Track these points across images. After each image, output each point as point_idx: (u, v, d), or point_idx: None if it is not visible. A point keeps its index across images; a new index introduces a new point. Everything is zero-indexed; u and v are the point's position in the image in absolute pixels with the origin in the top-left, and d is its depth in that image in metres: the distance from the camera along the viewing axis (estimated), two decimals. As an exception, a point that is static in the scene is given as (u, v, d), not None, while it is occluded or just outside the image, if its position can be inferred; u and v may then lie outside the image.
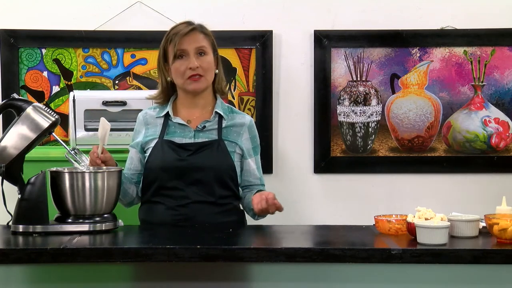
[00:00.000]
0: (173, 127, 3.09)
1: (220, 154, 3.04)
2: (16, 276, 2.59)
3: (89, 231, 2.73)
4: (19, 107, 2.79)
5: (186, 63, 3.05)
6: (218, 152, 3.04)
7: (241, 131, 3.12)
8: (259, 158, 3.19)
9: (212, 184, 3.02)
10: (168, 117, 3.11)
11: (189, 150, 3.02)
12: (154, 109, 3.18)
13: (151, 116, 3.15)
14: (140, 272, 2.59)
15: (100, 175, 2.78)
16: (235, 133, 3.11)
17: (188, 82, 3.06)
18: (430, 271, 2.56)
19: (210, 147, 3.04)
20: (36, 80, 4.19)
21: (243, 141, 3.11)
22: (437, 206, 2.85)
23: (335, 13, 4.22)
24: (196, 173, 3.01)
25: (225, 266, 2.58)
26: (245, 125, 3.14)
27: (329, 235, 2.89)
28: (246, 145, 3.12)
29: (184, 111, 3.13)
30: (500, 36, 4.21)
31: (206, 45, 3.08)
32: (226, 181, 3.05)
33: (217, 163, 3.03)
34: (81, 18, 4.16)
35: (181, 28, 3.07)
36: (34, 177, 2.73)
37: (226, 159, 3.05)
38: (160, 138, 3.07)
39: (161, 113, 3.13)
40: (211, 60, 3.09)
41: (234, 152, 3.08)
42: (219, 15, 4.20)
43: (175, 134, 3.07)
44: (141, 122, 3.16)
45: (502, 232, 2.54)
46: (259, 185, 3.16)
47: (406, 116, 4.25)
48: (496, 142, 4.24)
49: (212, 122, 3.10)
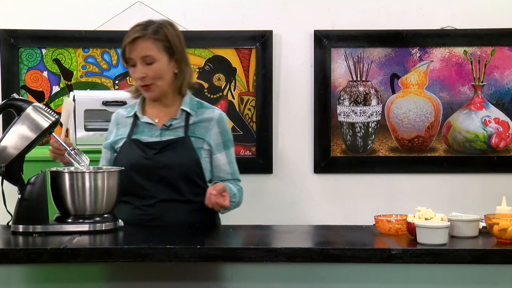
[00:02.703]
0: (141, 126, 3.08)
1: (185, 151, 3.02)
2: (16, 276, 2.59)
3: (89, 231, 2.72)
4: (19, 107, 2.79)
5: (134, 72, 3.03)
6: (184, 149, 3.02)
7: (209, 126, 3.09)
8: (231, 152, 3.14)
9: (178, 182, 3.00)
10: (137, 117, 3.10)
11: (155, 149, 3.01)
12: (126, 109, 3.17)
13: (122, 116, 3.14)
14: (140, 272, 2.58)
15: (100, 175, 2.77)
16: (203, 129, 3.08)
17: (142, 91, 3.07)
18: (430, 271, 2.56)
19: (176, 145, 3.02)
20: (36, 80, 4.19)
21: (211, 136, 3.08)
22: (437, 206, 2.85)
23: (335, 13, 4.22)
24: (161, 171, 2.98)
25: (225, 266, 2.58)
26: (213, 119, 3.10)
27: (329, 235, 2.89)
28: (215, 140, 3.08)
29: (152, 110, 3.11)
30: (500, 36, 4.21)
31: (154, 53, 2.99)
32: (193, 178, 3.03)
33: (182, 161, 3.01)
34: (81, 18, 4.16)
35: (130, 34, 3.02)
36: (34, 177, 2.73)
37: (192, 156, 3.02)
38: (128, 137, 3.06)
39: (130, 113, 3.12)
40: (161, 67, 3.01)
41: (202, 149, 3.05)
42: (219, 15, 4.20)
43: (143, 133, 3.06)
44: (113, 122, 3.16)
45: (502, 232, 2.54)
46: (231, 179, 3.12)
47: (406, 116, 4.25)
48: (496, 142, 4.24)
49: (179, 119, 3.07)
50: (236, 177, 3.14)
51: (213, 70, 4.23)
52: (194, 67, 4.21)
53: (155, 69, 3.00)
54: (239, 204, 3.10)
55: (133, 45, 2.99)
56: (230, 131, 3.16)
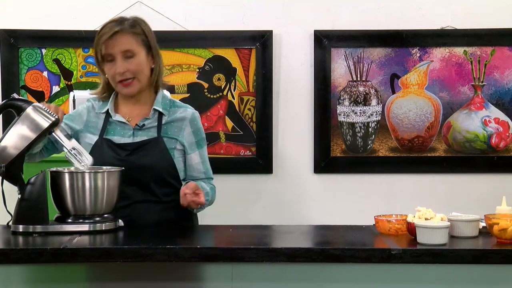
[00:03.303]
0: (113, 124, 3.04)
1: (158, 153, 2.99)
2: (16, 276, 2.59)
3: (89, 231, 2.72)
4: (19, 107, 2.79)
5: (114, 67, 2.99)
6: (156, 150, 2.99)
7: (182, 126, 3.06)
8: (204, 151, 3.12)
9: (152, 183, 2.98)
10: (108, 114, 3.05)
11: (127, 150, 2.98)
12: (98, 102, 3.11)
13: (94, 108, 3.09)
14: (140, 272, 2.58)
15: (100, 175, 2.77)
16: (176, 128, 3.05)
17: (120, 87, 3.01)
18: (430, 271, 2.56)
19: (148, 146, 2.99)
20: (36, 80, 4.19)
21: (184, 136, 3.06)
22: (437, 206, 2.85)
23: (335, 13, 4.22)
24: (135, 173, 2.95)
25: (225, 266, 2.58)
26: (186, 119, 3.07)
27: (329, 235, 2.89)
28: (188, 140, 3.06)
29: (125, 108, 3.07)
30: (500, 36, 4.21)
31: (134, 47, 2.98)
32: (167, 179, 3.01)
33: (155, 162, 2.98)
34: (81, 18, 4.16)
35: (106, 30, 2.98)
36: (34, 177, 2.73)
37: (165, 157, 3.00)
38: (100, 136, 3.02)
39: (102, 109, 3.07)
40: (141, 61, 3.00)
41: (175, 149, 3.03)
42: (219, 15, 4.20)
43: (115, 132, 3.02)
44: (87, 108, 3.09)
45: (502, 232, 2.54)
46: (204, 178, 3.11)
47: (406, 116, 4.25)
48: (496, 142, 4.24)
49: (152, 119, 3.04)
50: (209, 176, 3.13)
51: (213, 70, 4.23)
52: (194, 67, 4.21)
53: (136, 63, 2.98)
54: (212, 202, 3.11)
55: (112, 40, 2.96)
56: (202, 129, 3.14)
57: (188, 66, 4.22)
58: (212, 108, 4.23)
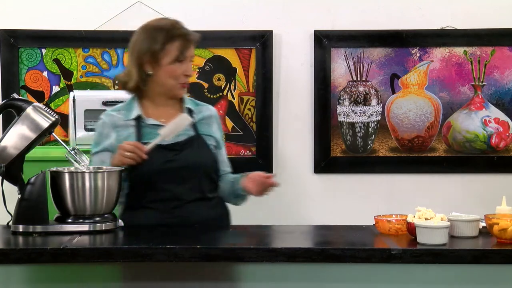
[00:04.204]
0: (147, 128, 3.00)
1: (203, 149, 3.01)
2: (16, 276, 2.59)
3: (89, 231, 2.72)
4: (19, 107, 2.79)
5: (183, 68, 2.98)
6: (200, 147, 3.01)
7: (210, 122, 3.09)
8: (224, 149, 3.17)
9: (202, 180, 2.99)
10: (139, 120, 3.01)
11: (176, 150, 2.96)
12: (119, 111, 3.05)
13: (119, 119, 3.02)
14: (140, 272, 2.58)
15: (100, 175, 2.77)
16: (206, 126, 3.07)
17: (179, 88, 3.01)
18: (430, 271, 2.56)
19: (192, 144, 3.00)
20: (36, 80, 4.19)
21: (214, 132, 3.08)
22: (437, 206, 2.85)
23: (335, 13, 4.22)
24: (185, 172, 2.95)
25: (225, 266, 2.58)
26: (212, 116, 3.11)
27: (329, 235, 2.89)
28: (217, 136, 3.09)
29: (155, 110, 3.04)
30: (500, 36, 4.21)
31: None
32: (212, 175, 3.03)
33: (203, 159, 3.00)
34: (81, 18, 4.16)
35: (183, 31, 2.99)
36: (34, 177, 2.73)
37: (209, 153, 3.02)
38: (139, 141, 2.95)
39: (130, 116, 3.02)
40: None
41: (211, 145, 3.05)
42: (219, 15, 4.20)
43: (152, 135, 2.97)
44: (109, 125, 3.02)
45: (502, 232, 2.54)
46: (228, 173, 3.13)
47: (406, 116, 4.25)
48: (496, 142, 4.25)
49: None
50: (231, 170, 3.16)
51: (213, 70, 4.23)
52: (194, 67, 4.21)
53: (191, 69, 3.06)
54: None
55: (189, 43, 2.99)
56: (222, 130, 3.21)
57: (128, 60, 4.22)
58: (212, 108, 4.23)
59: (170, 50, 2.97)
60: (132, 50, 3.02)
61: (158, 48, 2.96)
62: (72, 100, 3.75)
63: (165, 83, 3.00)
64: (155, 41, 2.96)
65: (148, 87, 3.02)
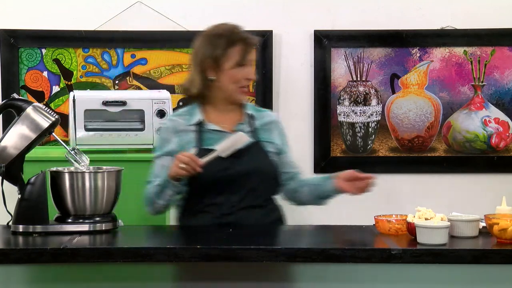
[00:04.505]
0: (208, 134, 3.00)
1: (262, 156, 3.00)
2: (16, 276, 2.59)
3: (89, 231, 2.72)
4: (19, 107, 2.79)
5: (244, 72, 2.99)
6: (260, 154, 3.00)
7: (271, 128, 3.09)
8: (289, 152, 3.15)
9: (259, 187, 2.98)
10: (200, 125, 3.01)
11: (233, 157, 2.92)
12: (181, 116, 3.06)
13: (180, 124, 3.03)
14: (140, 272, 2.58)
15: (100, 175, 2.77)
16: (267, 132, 3.06)
17: (240, 92, 3.01)
18: (430, 271, 2.56)
19: (251, 150, 2.98)
20: (36, 80, 4.19)
21: (275, 138, 3.08)
22: (437, 206, 2.85)
23: (335, 13, 4.22)
24: (244, 179, 2.95)
25: (225, 266, 2.58)
26: (273, 122, 3.11)
27: (329, 235, 2.89)
28: (279, 141, 3.09)
29: (216, 116, 3.04)
30: (500, 36, 4.21)
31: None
32: (271, 182, 3.03)
33: (262, 166, 2.99)
34: (81, 18, 4.16)
35: (245, 35, 3.02)
36: (34, 177, 2.73)
37: (268, 160, 3.01)
38: (199, 147, 2.96)
39: (191, 121, 3.02)
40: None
41: (271, 152, 3.04)
42: (219, 15, 4.19)
43: (213, 141, 2.97)
44: (171, 130, 3.03)
45: (502, 232, 2.54)
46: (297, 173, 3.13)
47: (406, 116, 4.25)
48: (496, 142, 4.25)
49: (245, 124, 3.04)
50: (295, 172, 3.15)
51: (213, 70, 4.22)
52: (194, 67, 4.21)
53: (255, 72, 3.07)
54: None
55: (250, 47, 3.02)
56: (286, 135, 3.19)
57: (188, 66, 4.22)
58: (212, 108, 4.23)
59: (232, 54, 2.98)
60: (194, 56, 3.05)
61: (219, 54, 2.98)
62: (72, 100, 3.75)
63: (227, 88, 3.00)
64: (216, 47, 2.98)
65: (211, 92, 3.03)
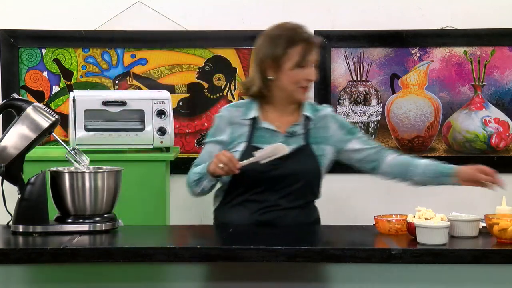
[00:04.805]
0: (261, 131, 3.01)
1: (308, 160, 3.00)
2: (16, 276, 2.59)
3: (89, 231, 2.72)
4: (19, 107, 2.79)
5: (305, 73, 2.96)
6: (306, 158, 2.99)
7: (327, 124, 3.06)
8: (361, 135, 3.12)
9: (302, 190, 2.99)
10: (255, 121, 3.01)
11: (280, 158, 2.91)
12: (238, 109, 3.07)
13: (236, 116, 3.04)
14: (140, 272, 2.58)
15: (100, 175, 2.77)
16: (322, 129, 3.05)
17: (300, 92, 2.99)
18: (430, 271, 2.56)
19: (299, 153, 2.98)
20: (36, 80, 4.19)
21: (331, 132, 3.06)
22: (437, 206, 2.85)
23: (335, 13, 4.22)
24: (286, 180, 2.95)
25: (225, 266, 2.58)
26: (328, 116, 3.08)
27: (329, 235, 2.89)
28: (337, 136, 3.06)
29: (273, 114, 3.04)
30: (500, 36, 4.21)
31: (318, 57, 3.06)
32: (313, 186, 3.05)
33: (306, 170, 2.99)
34: (81, 18, 4.16)
35: (306, 35, 2.99)
36: (34, 177, 2.73)
37: (314, 164, 3.01)
38: (248, 143, 2.98)
39: (247, 115, 3.03)
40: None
41: (322, 156, 3.03)
42: (219, 15, 4.20)
43: (264, 140, 2.98)
44: (226, 120, 3.04)
45: (502, 232, 2.54)
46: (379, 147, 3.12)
47: (406, 116, 4.25)
48: (496, 142, 4.24)
49: (300, 125, 3.03)
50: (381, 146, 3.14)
51: (213, 70, 4.23)
52: (194, 67, 4.21)
53: (316, 74, 3.03)
54: None
55: (311, 48, 2.97)
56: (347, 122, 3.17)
57: (188, 66, 4.22)
58: (212, 108, 4.23)
59: (292, 55, 2.96)
60: (255, 55, 3.06)
61: (279, 53, 2.97)
62: (72, 100, 3.75)
63: (286, 88, 2.99)
64: (276, 46, 2.97)
65: (270, 92, 3.02)
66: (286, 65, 2.96)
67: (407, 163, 3.12)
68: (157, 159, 3.68)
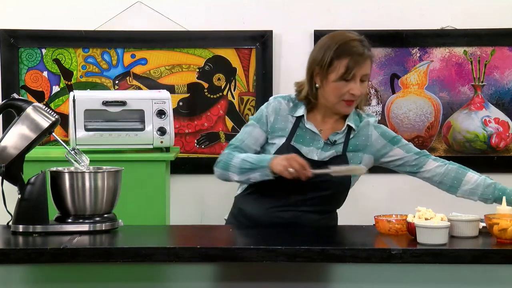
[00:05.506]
0: (303, 131, 2.97)
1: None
2: (16, 276, 2.59)
3: (89, 231, 2.72)
4: (19, 107, 2.79)
5: (349, 86, 2.88)
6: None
7: (368, 132, 3.01)
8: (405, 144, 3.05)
9: (327, 198, 2.98)
10: (300, 119, 2.98)
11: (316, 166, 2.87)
12: (288, 102, 3.02)
13: (284, 109, 2.99)
14: (140, 272, 2.58)
15: (100, 175, 2.77)
16: (363, 137, 2.99)
17: (342, 105, 2.92)
18: (430, 271, 2.56)
19: (334, 162, 2.92)
20: (36, 80, 4.19)
21: (372, 141, 3.00)
22: (437, 206, 2.85)
23: (335, 13, 4.22)
24: (315, 187, 2.92)
25: (225, 266, 2.58)
26: (370, 124, 3.02)
27: (329, 235, 2.89)
28: (377, 145, 3.01)
29: (317, 118, 2.99)
30: (500, 36, 4.21)
31: (369, 72, 2.93)
32: (339, 196, 3.04)
33: (338, 180, 2.93)
34: (81, 18, 4.16)
35: (357, 48, 2.88)
36: (34, 177, 2.73)
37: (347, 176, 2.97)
38: (287, 141, 2.95)
39: (294, 112, 2.99)
40: (367, 86, 2.97)
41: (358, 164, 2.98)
42: (219, 15, 4.20)
43: (304, 141, 2.96)
44: (273, 109, 2.99)
45: (502, 232, 2.54)
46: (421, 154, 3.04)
47: (406, 116, 4.25)
48: (496, 142, 4.25)
49: (342, 134, 2.98)
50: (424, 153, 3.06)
51: (213, 70, 4.23)
52: (194, 67, 4.21)
53: (365, 87, 2.93)
54: None
55: (360, 63, 2.87)
56: (391, 131, 3.09)
57: (188, 66, 4.22)
58: (212, 108, 4.23)
59: (338, 67, 2.88)
60: (308, 60, 3.01)
61: (326, 63, 2.90)
62: (72, 100, 3.75)
63: (328, 99, 2.93)
64: (325, 56, 2.91)
65: (316, 99, 2.97)
66: (331, 76, 2.89)
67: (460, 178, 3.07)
68: (157, 159, 3.69)
